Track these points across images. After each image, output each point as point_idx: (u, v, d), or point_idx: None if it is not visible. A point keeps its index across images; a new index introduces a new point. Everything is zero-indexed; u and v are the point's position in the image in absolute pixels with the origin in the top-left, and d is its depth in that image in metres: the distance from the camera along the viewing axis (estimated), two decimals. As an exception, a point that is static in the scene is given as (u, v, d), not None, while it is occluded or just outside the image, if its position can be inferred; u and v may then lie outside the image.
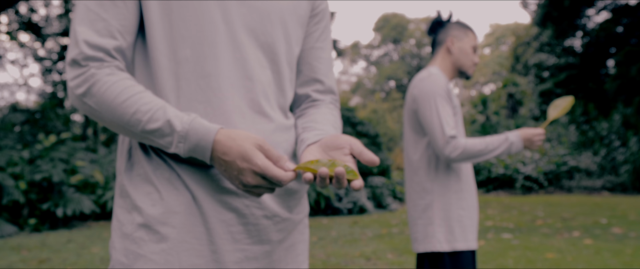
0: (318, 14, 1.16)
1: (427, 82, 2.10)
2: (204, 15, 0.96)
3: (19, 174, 7.93)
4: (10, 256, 5.69)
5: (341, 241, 7.09)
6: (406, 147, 2.25)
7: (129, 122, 0.88)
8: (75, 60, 0.91)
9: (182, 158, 0.94)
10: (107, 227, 8.42)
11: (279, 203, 1.02)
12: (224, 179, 0.95)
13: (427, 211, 2.10)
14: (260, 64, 1.01)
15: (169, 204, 0.94)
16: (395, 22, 64.82)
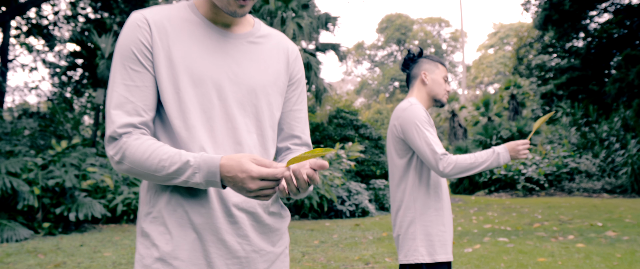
0: (294, 82, 1.46)
1: (409, 111, 2.38)
2: (203, 95, 1.26)
3: (33, 180, 8.24)
4: (27, 259, 5.99)
5: (342, 244, 7.37)
6: (390, 168, 2.52)
7: (156, 170, 1.16)
8: (112, 137, 1.20)
9: (191, 206, 1.23)
10: (118, 231, 8.72)
11: (264, 239, 1.32)
12: (223, 223, 1.24)
13: (410, 227, 2.38)
14: (248, 130, 1.31)
15: (178, 242, 1.23)
16: (399, 22, 64.89)
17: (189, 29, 1.28)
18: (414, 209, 2.38)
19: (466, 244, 7.28)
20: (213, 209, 1.23)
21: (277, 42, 1.42)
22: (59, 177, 8.34)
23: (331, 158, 12.78)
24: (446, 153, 2.28)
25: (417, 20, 66.49)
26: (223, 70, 1.28)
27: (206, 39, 1.29)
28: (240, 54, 1.32)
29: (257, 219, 1.29)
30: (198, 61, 1.26)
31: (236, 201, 1.25)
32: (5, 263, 5.73)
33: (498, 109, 25.72)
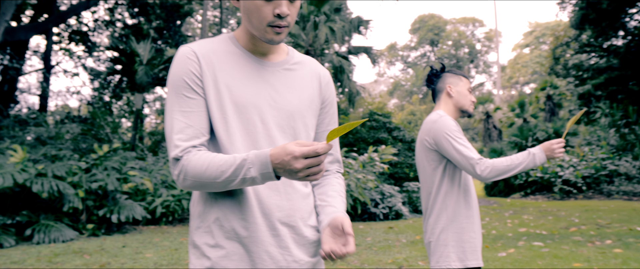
0: (327, 105, 1.60)
1: (439, 123, 2.48)
2: (247, 120, 1.40)
3: (77, 183, 8.57)
4: (74, 260, 6.26)
5: (376, 247, 7.45)
6: (422, 178, 2.62)
7: (216, 177, 1.28)
8: (175, 158, 1.34)
9: (238, 220, 1.36)
10: (157, 232, 8.99)
11: (303, 251, 1.44)
12: (267, 236, 1.37)
13: (442, 233, 2.47)
14: None
15: (225, 253, 1.37)
16: (432, 23, 64.42)
17: (231, 60, 1.43)
18: (445, 216, 2.47)
19: (500, 249, 7.26)
20: (257, 224, 1.36)
21: (310, 69, 1.56)
22: (101, 181, 8.66)
23: (364, 161, 12.85)
24: (482, 158, 2.38)
25: (451, 21, 65.91)
26: (263, 96, 1.42)
27: (247, 68, 1.43)
28: (278, 81, 1.46)
29: (297, 232, 1.43)
30: (241, 89, 1.40)
31: (279, 216, 1.39)
32: (53, 263, 6.00)
33: (534, 110, 25.30)
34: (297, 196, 1.45)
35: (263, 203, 1.37)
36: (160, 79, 15.72)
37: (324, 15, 15.85)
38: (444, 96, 2.63)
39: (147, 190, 9.91)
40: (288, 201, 1.41)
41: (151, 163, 11.42)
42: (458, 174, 2.49)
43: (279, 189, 1.41)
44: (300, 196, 1.46)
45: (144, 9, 19.65)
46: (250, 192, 1.37)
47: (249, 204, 1.36)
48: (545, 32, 54.98)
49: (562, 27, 27.67)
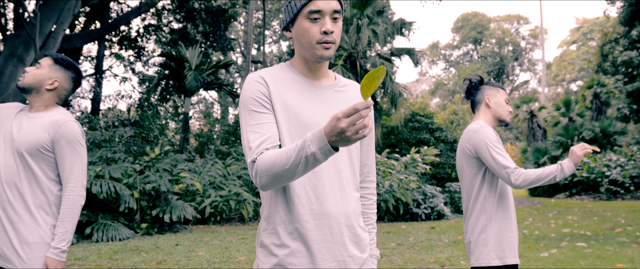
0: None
1: (480, 132, 2.69)
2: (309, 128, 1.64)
3: (132, 184, 9.05)
4: (132, 257, 6.67)
5: (418, 247, 7.63)
6: (463, 182, 2.83)
7: (285, 164, 1.46)
8: (252, 161, 1.56)
9: (301, 222, 1.59)
10: (207, 232, 9.39)
11: (355, 247, 1.67)
12: (327, 235, 1.60)
13: (482, 234, 2.68)
14: (343, 160, 1.68)
15: (291, 250, 1.60)
16: (475, 21, 63.55)
17: (292, 84, 1.68)
18: (484, 218, 2.68)
19: (542, 249, 7.32)
20: (318, 225, 1.60)
21: (354, 90, 1.80)
22: (154, 182, 9.11)
23: (406, 162, 12.99)
24: (516, 167, 2.58)
25: (494, 18, 64.85)
26: (320, 114, 1.66)
27: (305, 90, 1.68)
28: (331, 101, 1.71)
29: (352, 231, 1.65)
30: (303, 108, 1.64)
31: (337, 217, 1.61)
32: (114, 260, 6.43)
33: (580, 109, 24.73)
34: (350, 199, 1.67)
35: (323, 205, 1.60)
36: (208, 83, 16.22)
37: (367, 18, 16.01)
38: (483, 107, 2.84)
39: (196, 191, 10.34)
40: (343, 204, 1.64)
41: (200, 165, 11.87)
42: (496, 179, 2.69)
43: (336, 194, 1.63)
44: (353, 199, 1.69)
45: (191, 14, 20.24)
46: (312, 197, 1.60)
47: (310, 208, 1.60)
48: (593, 28, 53.50)
49: (610, 23, 26.98)
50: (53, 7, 13.06)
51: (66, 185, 2.32)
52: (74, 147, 2.34)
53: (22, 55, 12.56)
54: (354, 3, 16.57)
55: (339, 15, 1.64)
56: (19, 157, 2.27)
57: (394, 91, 16.31)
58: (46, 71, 2.40)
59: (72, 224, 2.30)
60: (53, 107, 2.45)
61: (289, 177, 1.47)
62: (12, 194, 2.26)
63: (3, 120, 2.39)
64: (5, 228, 2.24)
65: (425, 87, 67.74)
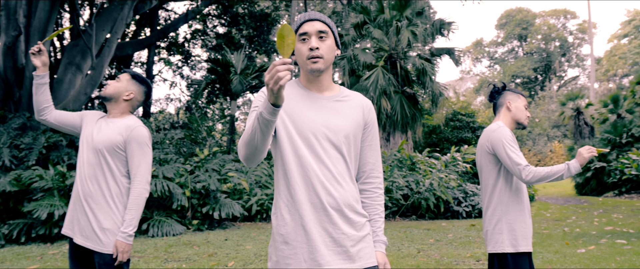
0: (369, 126, 2.13)
1: (498, 132, 3.00)
2: (306, 137, 1.97)
3: (183, 183, 9.62)
4: (185, 250, 7.19)
5: (456, 243, 7.87)
6: (482, 177, 3.15)
7: (247, 132, 1.80)
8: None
9: (300, 207, 1.93)
10: (253, 228, 9.87)
11: (349, 226, 1.97)
12: (322, 216, 1.93)
13: (498, 224, 2.99)
14: (336, 157, 1.99)
15: (292, 228, 1.95)
16: (520, 17, 62.43)
17: (296, 97, 2.04)
18: (500, 209, 2.99)
19: (580, 245, 7.44)
20: (314, 209, 1.94)
21: (355, 101, 2.12)
22: (204, 181, 9.65)
23: (447, 161, 13.17)
24: (528, 165, 2.89)
25: (540, 14, 63.57)
26: (319, 120, 2.00)
27: (306, 101, 2.03)
28: (329, 109, 2.04)
29: (343, 214, 1.97)
30: (302, 115, 1.99)
31: (330, 202, 1.94)
32: (169, 253, 6.95)
33: (629, 105, 24.06)
34: (343, 189, 1.98)
35: (317, 195, 1.93)
36: (253, 86, 16.79)
37: (406, 20, 16.23)
38: (503, 110, 3.16)
39: (243, 189, 10.84)
40: (336, 193, 1.95)
41: (246, 165, 12.40)
42: (511, 174, 3.00)
43: (326, 185, 1.95)
44: (347, 189, 2.00)
45: (235, 19, 20.89)
46: (307, 187, 1.94)
47: (307, 195, 1.94)
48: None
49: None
50: (107, 18, 13.83)
51: (134, 179, 2.79)
52: (142, 147, 2.82)
53: (79, 64, 13.38)
54: (393, 5, 16.81)
55: (325, 35, 1.98)
56: (100, 155, 2.75)
57: (435, 90, 16.46)
58: (124, 84, 2.91)
59: (138, 212, 2.77)
60: (127, 114, 2.94)
61: (253, 141, 1.79)
62: (93, 186, 2.74)
63: (86, 125, 2.90)
64: (87, 214, 2.72)
65: (470, 85, 66.99)
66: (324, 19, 2.03)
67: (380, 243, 2.09)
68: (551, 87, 59.25)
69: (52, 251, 7.07)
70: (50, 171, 8.37)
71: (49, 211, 7.63)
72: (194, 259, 6.49)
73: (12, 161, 9.06)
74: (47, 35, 11.89)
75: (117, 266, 2.70)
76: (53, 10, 11.95)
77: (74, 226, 2.77)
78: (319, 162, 1.96)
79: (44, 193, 8.19)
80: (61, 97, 12.89)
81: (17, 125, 9.96)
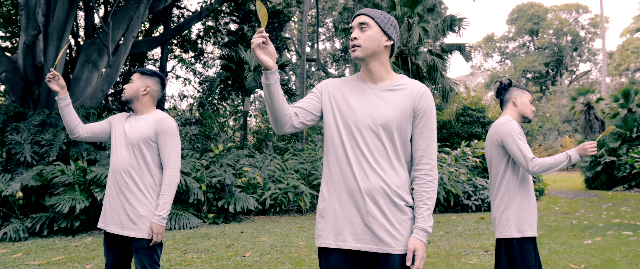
0: (420, 113, 2.19)
1: (506, 126, 3.21)
2: (348, 124, 2.19)
3: (199, 178, 9.88)
4: (203, 242, 7.45)
5: (465, 235, 8.08)
6: (491, 168, 3.37)
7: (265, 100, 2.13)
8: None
9: (340, 190, 2.16)
10: (267, 221, 10.13)
11: (383, 213, 2.13)
12: (358, 198, 2.13)
13: (505, 211, 3.21)
14: (374, 145, 2.18)
15: (328, 203, 2.19)
16: (531, 12, 62.13)
17: (349, 88, 2.26)
18: (508, 198, 3.21)
19: (587, 237, 7.60)
20: (349, 193, 2.14)
21: (409, 89, 2.24)
22: (219, 176, 9.92)
23: (457, 155, 13.34)
24: (534, 157, 3.11)
25: (552, 8, 63.25)
26: (362, 110, 2.19)
27: (357, 91, 2.24)
28: (378, 98, 2.21)
29: (375, 200, 2.12)
30: (347, 106, 2.21)
31: (365, 188, 2.12)
32: (188, 244, 7.21)
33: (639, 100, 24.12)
34: (383, 174, 2.15)
35: (355, 180, 2.13)
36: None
37: (417, 16, 16.38)
38: (510, 105, 3.38)
39: (257, 184, 11.10)
40: (374, 179, 2.13)
41: (260, 160, 12.66)
42: (518, 165, 3.21)
43: (365, 172, 2.14)
44: (389, 174, 2.14)
45: (247, 16, 21.12)
46: (347, 173, 2.15)
47: (345, 180, 2.16)
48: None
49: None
50: (123, 16, 14.11)
51: (166, 167, 3.07)
52: (172, 137, 3.09)
53: (96, 62, 13.68)
54: (404, 2, 16.97)
55: (366, 26, 2.15)
56: (136, 148, 3.03)
57: (445, 86, 16.61)
58: (137, 82, 3.18)
59: (171, 196, 3.03)
60: (152, 108, 3.21)
61: (268, 105, 2.08)
62: (127, 178, 3.01)
63: (116, 125, 3.19)
64: (123, 204, 2.98)
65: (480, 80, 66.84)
66: (368, 12, 2.19)
67: (418, 229, 2.12)
68: (562, 82, 58.99)
69: (74, 243, 7.36)
70: (71, 167, 8.66)
71: (71, 204, 7.91)
72: (212, 250, 6.75)
73: (33, 156, 9.36)
74: (65, 34, 12.20)
75: (151, 247, 2.96)
76: (71, 9, 12.25)
77: (108, 219, 3.05)
78: (357, 150, 2.14)
79: (65, 188, 8.48)
80: (78, 94, 13.20)
81: (37, 122, 10.26)
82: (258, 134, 21.59)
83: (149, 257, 2.96)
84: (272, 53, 2.03)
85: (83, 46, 14.11)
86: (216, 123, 16.58)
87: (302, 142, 16.66)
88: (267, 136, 20.80)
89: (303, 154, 13.31)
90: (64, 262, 6.01)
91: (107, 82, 13.37)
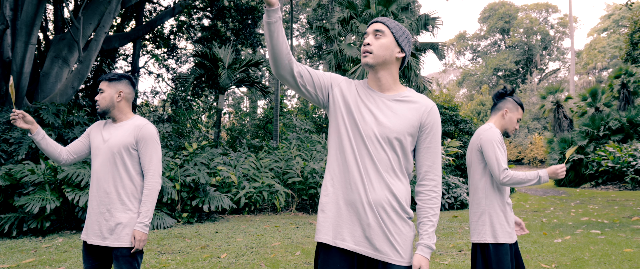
0: (426, 128, 2.19)
1: (489, 132, 3.26)
2: (357, 128, 2.17)
3: (173, 177, 9.78)
4: (178, 243, 7.38)
5: (439, 234, 8.16)
6: (470, 173, 3.41)
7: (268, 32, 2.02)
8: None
9: (340, 185, 2.15)
10: (242, 220, 10.08)
11: (381, 223, 2.11)
12: (356, 203, 2.12)
13: (482, 216, 3.25)
14: (380, 151, 2.14)
15: (331, 199, 2.16)
16: (502, 11, 63.01)
17: (359, 93, 2.23)
18: (485, 203, 3.25)
19: (557, 236, 7.76)
20: (350, 198, 2.12)
21: (415, 102, 2.23)
22: (193, 175, 9.83)
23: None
24: (507, 168, 3.17)
25: (522, 8, 64.26)
26: (371, 118, 2.17)
27: (365, 98, 2.21)
28: (385, 108, 2.19)
29: (375, 211, 2.10)
30: (356, 110, 2.18)
31: (364, 198, 2.10)
32: (162, 245, 7.14)
33: (607, 99, 24.63)
34: (388, 186, 2.11)
35: (355, 187, 2.11)
36: (241, 80, 16.92)
37: (392, 15, 16.46)
38: (499, 114, 3.42)
39: (232, 183, 11.04)
40: (381, 190, 2.11)
41: (234, 158, 12.59)
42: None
43: (367, 180, 2.12)
44: (395, 186, 2.13)
45: (221, 12, 20.94)
46: (349, 176, 2.12)
47: (347, 183, 2.14)
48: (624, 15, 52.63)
49: (638, 10, 26.76)
50: (94, 11, 13.85)
51: (147, 173, 3.02)
52: (152, 143, 3.06)
53: (66, 57, 13.40)
54: (379, 0, 17.03)
55: (381, 34, 2.15)
56: (117, 157, 2.98)
57: (419, 84, 16.75)
58: (109, 90, 3.10)
59: (153, 204, 3.00)
60: (130, 113, 3.16)
61: (271, 46, 2.04)
62: (108, 188, 2.96)
63: (94, 136, 3.14)
64: (103, 215, 2.94)
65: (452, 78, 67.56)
66: (384, 21, 2.18)
67: (423, 246, 2.11)
68: (532, 80, 60.03)
69: (45, 245, 7.21)
70: (41, 166, 8.49)
71: (41, 205, 7.76)
72: (186, 251, 6.69)
73: (1, 155, 9.14)
74: (34, 29, 11.92)
75: (132, 254, 2.93)
76: (41, 3, 11.97)
77: (89, 231, 2.99)
78: (365, 158, 2.11)
79: (35, 187, 8.30)
80: (47, 91, 12.92)
81: (5, 119, 10.01)
82: (232, 131, 21.46)
83: (130, 264, 2.92)
84: None
85: (53, 41, 13.80)
86: (189, 120, 16.42)
87: (276, 141, 16.62)
88: (241, 132, 20.70)
89: (278, 153, 13.28)
90: (35, 264, 5.89)
91: (77, 78, 13.11)
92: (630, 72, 24.73)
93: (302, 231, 8.52)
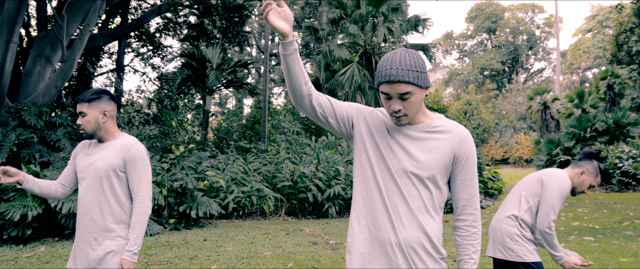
0: (461, 159, 2.02)
1: (563, 181, 3.21)
2: (382, 160, 2.00)
3: (160, 182, 9.54)
4: (165, 252, 7.16)
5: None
6: (522, 193, 3.38)
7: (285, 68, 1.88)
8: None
9: (366, 222, 1.99)
10: (231, 226, 9.87)
11: (409, 263, 1.96)
12: (384, 241, 1.95)
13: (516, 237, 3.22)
14: (407, 184, 1.98)
15: (357, 238, 2.01)
16: (489, 11, 63.30)
17: (387, 126, 2.04)
18: (521, 228, 3.28)
19: (551, 244, 7.66)
20: (383, 244, 1.96)
21: (447, 132, 2.04)
22: (181, 180, 9.60)
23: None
24: (554, 222, 3.17)
25: (509, 8, 64.59)
26: (399, 154, 1.99)
27: (394, 131, 2.02)
28: (415, 141, 2.00)
29: (402, 250, 1.94)
30: (382, 146, 2.01)
31: (392, 238, 1.94)
32: (149, 255, 6.92)
33: (593, 101, 24.78)
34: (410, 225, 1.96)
35: (382, 226, 1.96)
36: (229, 81, 16.68)
37: (382, 16, 16.32)
38: (577, 171, 3.35)
39: (220, 187, 10.82)
40: (400, 228, 1.95)
41: (222, 161, 12.36)
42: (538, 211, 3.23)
43: (395, 219, 1.96)
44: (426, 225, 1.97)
45: (208, 10, 20.66)
46: (375, 216, 1.97)
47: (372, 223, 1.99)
48: (609, 16, 53.14)
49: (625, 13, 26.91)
50: (78, 9, 13.53)
51: (136, 197, 2.81)
52: (141, 165, 2.83)
53: (49, 56, 13.07)
54: (369, 1, 16.88)
55: (409, 95, 1.87)
56: (104, 180, 2.76)
57: (408, 86, 16.63)
58: (91, 112, 2.84)
59: (142, 230, 2.79)
60: (118, 133, 2.94)
61: (288, 78, 1.90)
62: (95, 214, 2.76)
63: (80, 159, 2.92)
64: (90, 244, 2.74)
65: (439, 77, 67.74)
66: (405, 78, 1.86)
67: None
68: (518, 79, 60.37)
69: (26, 254, 6.96)
70: (23, 170, 8.21)
71: (22, 212, 7.50)
72: (175, 262, 6.48)
73: (-18, 159, 8.85)
74: (16, 27, 11.58)
75: None
76: (23, 1, 11.63)
77: (77, 260, 2.80)
78: (391, 193, 1.96)
79: (15, 193, 8.03)
80: (30, 90, 12.59)
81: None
82: (219, 132, 21.20)
83: None
84: (288, 17, 1.81)
85: (35, 39, 13.45)
86: (175, 119, 16.14)
87: (265, 143, 16.40)
88: (228, 133, 20.45)
89: (266, 156, 13.08)
90: (16, 279, 5.66)
91: (61, 77, 12.79)
92: (616, 74, 24.87)
93: (292, 239, 8.34)
